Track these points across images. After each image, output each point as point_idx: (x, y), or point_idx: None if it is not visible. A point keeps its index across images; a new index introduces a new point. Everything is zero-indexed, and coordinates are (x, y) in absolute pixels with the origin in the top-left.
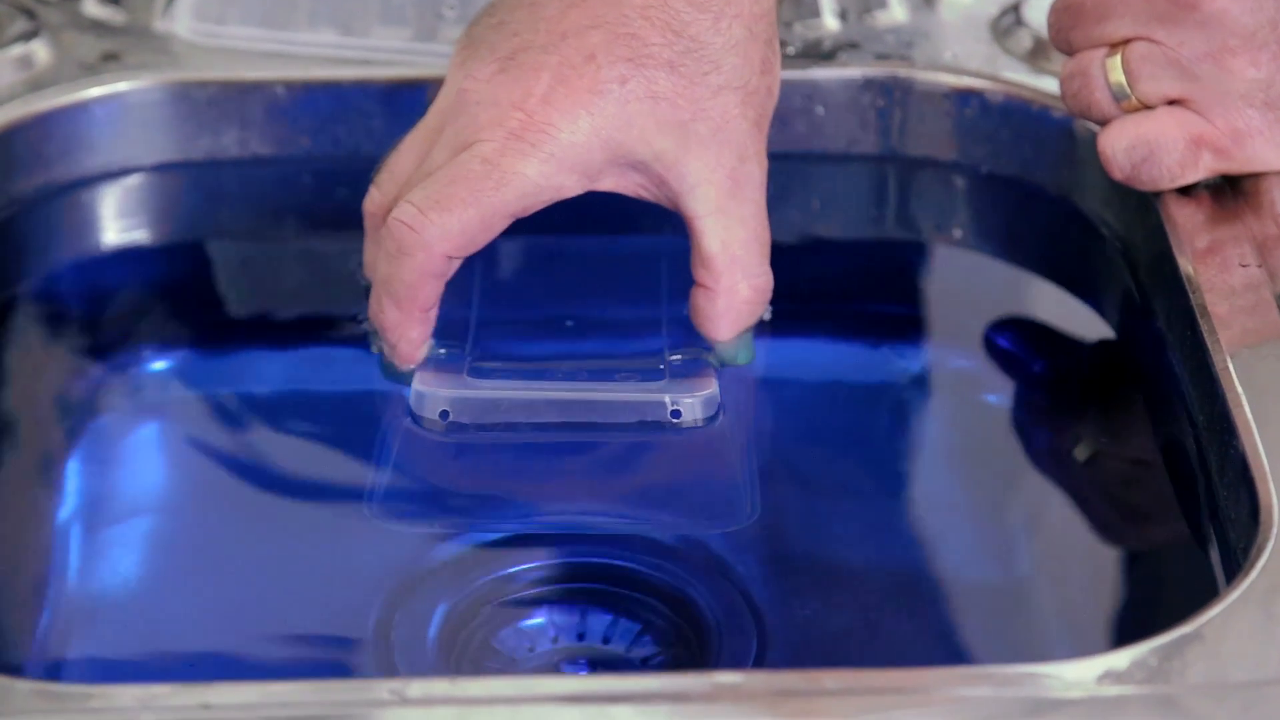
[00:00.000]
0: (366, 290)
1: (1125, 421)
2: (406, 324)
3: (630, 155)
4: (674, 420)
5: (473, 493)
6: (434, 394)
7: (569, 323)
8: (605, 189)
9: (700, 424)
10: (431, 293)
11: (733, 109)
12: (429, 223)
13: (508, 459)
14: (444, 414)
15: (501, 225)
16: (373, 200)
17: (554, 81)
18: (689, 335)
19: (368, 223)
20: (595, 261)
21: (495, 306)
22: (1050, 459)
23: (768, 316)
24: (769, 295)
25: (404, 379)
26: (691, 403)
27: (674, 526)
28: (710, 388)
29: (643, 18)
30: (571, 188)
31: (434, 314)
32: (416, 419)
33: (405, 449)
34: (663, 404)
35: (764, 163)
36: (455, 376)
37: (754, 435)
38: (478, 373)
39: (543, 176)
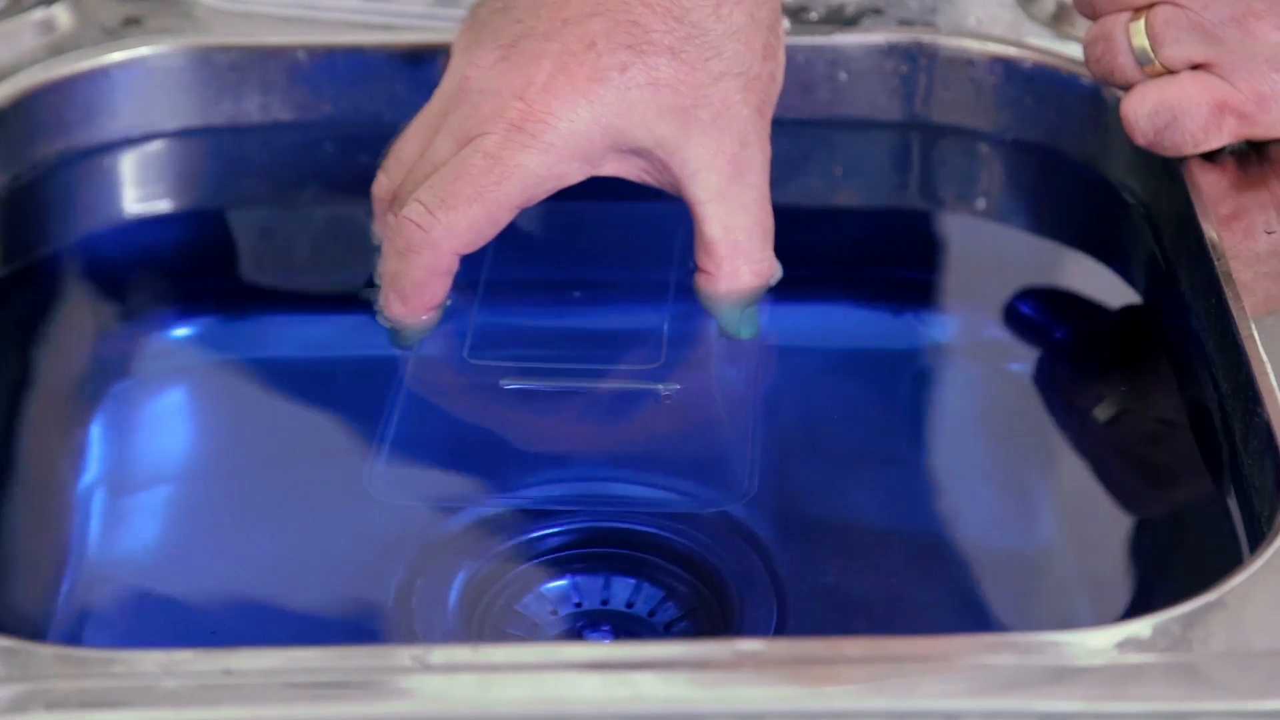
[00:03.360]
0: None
1: (1149, 389)
2: (413, 320)
3: (631, 142)
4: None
5: (471, 467)
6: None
7: (577, 294)
8: (608, 174)
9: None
10: (439, 290)
11: (734, 95)
12: (436, 221)
13: (508, 429)
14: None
15: (508, 218)
16: (380, 185)
17: (555, 70)
18: (692, 317)
19: (376, 208)
20: (609, 227)
21: (506, 268)
22: (1074, 427)
23: (778, 278)
24: (771, 280)
25: (412, 347)
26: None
27: (669, 503)
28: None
29: (644, 5)
30: (573, 175)
31: (441, 308)
32: (413, 394)
33: (403, 423)
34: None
35: (767, 149)
36: (453, 366)
37: (759, 411)
38: (476, 355)
39: (543, 167)
